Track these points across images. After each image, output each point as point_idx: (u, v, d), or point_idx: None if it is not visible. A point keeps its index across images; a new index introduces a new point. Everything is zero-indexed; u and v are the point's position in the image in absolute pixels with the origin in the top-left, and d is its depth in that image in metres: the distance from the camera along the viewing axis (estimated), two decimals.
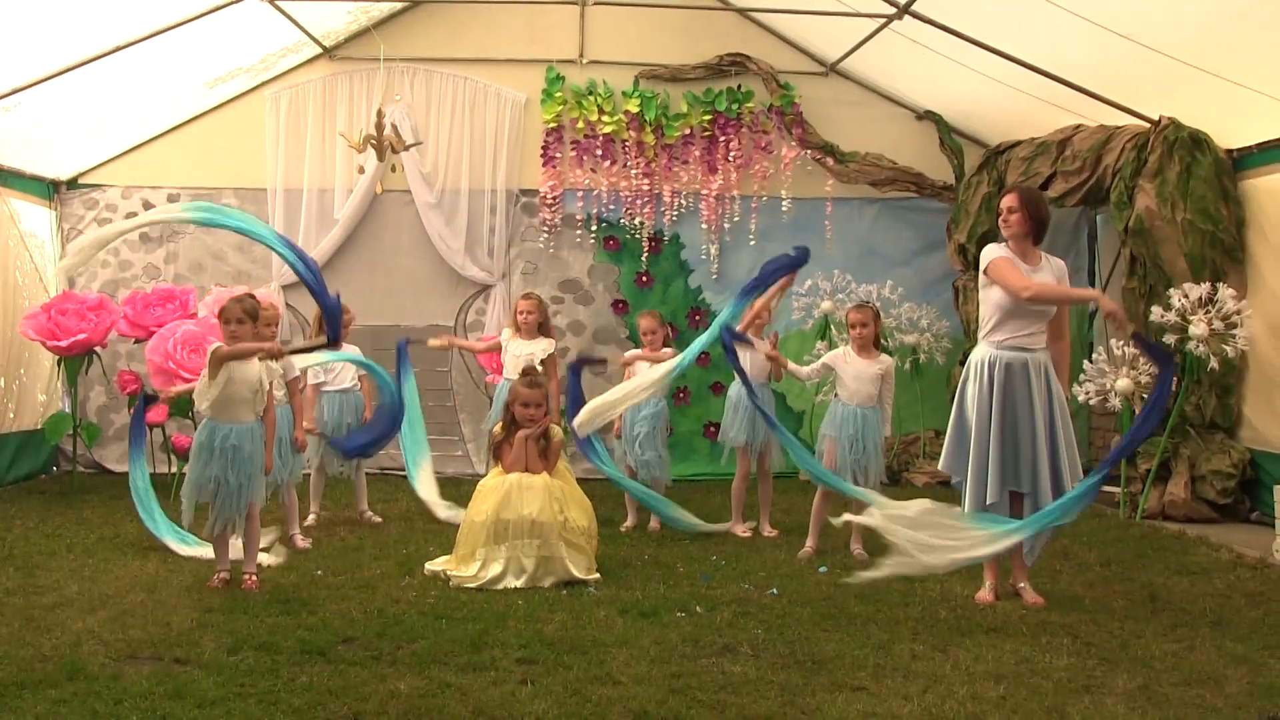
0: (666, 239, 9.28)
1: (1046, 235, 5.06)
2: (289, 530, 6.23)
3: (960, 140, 9.27)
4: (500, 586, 5.17)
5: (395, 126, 8.55)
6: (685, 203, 9.24)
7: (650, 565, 5.75)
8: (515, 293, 8.73)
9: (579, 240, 9.24)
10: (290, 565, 5.58)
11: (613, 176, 9.21)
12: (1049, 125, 8.23)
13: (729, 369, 6.25)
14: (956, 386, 5.19)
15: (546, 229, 9.21)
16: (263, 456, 5.21)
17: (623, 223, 9.24)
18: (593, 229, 9.23)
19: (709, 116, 9.24)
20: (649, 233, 9.23)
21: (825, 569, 5.64)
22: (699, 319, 9.17)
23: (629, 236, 9.26)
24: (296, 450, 6.11)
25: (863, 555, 5.94)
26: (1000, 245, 5.04)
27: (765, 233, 9.23)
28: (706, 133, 9.25)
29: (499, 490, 5.39)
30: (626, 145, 9.20)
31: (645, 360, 6.71)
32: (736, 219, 9.24)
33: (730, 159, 9.21)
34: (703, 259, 9.29)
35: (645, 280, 9.28)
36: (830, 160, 9.22)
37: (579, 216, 9.21)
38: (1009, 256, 4.96)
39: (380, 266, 9.19)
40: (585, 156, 9.19)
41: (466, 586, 5.18)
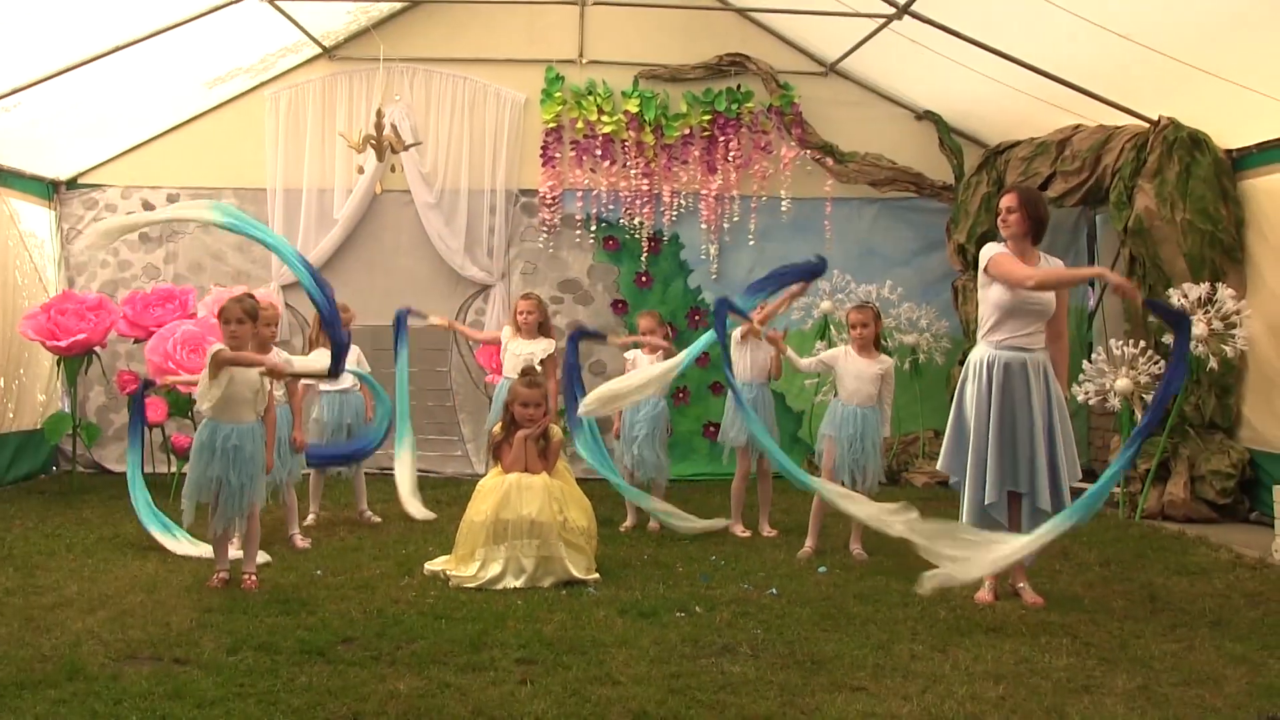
0: (666, 239, 9.28)
1: (1045, 235, 5.06)
2: (289, 530, 6.24)
3: (960, 140, 9.27)
4: (499, 586, 5.17)
5: (395, 126, 8.55)
6: (685, 203, 9.24)
7: (650, 565, 5.75)
8: (515, 293, 8.74)
9: (578, 240, 9.25)
10: (290, 565, 5.59)
11: (612, 176, 9.21)
12: (1048, 125, 8.23)
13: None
14: (956, 386, 5.19)
15: (546, 229, 9.21)
16: (264, 456, 5.21)
17: (622, 223, 9.24)
18: (592, 229, 9.23)
19: (708, 116, 9.24)
20: (648, 233, 9.23)
21: (824, 569, 5.65)
22: (698, 319, 9.17)
23: (628, 236, 9.26)
24: (295, 450, 6.13)
25: (862, 555, 5.95)
26: (999, 244, 5.04)
27: (765, 233, 9.24)
28: (706, 133, 9.24)
29: (498, 490, 5.39)
30: (626, 145, 9.20)
31: (643, 344, 6.82)
32: (736, 219, 9.24)
33: (730, 159, 9.20)
34: (702, 259, 9.29)
35: (645, 280, 9.28)
36: (830, 160, 9.21)
37: (578, 216, 9.21)
38: (1008, 252, 4.96)
39: (380, 266, 9.19)
40: (585, 156, 9.19)
41: (466, 586, 5.18)
